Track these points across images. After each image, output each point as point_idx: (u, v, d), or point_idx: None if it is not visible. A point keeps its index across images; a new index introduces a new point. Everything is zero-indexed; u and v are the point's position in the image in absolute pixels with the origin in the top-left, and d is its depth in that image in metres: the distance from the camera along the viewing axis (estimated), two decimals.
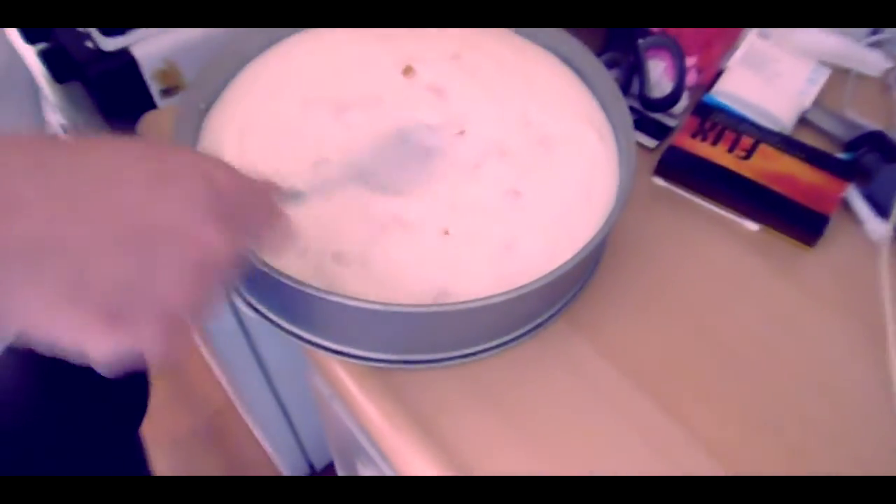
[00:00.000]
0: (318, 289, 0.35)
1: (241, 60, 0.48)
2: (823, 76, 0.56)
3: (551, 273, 0.37)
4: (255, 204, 0.29)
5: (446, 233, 0.41)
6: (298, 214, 0.33)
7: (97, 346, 0.24)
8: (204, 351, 1.22)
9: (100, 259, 0.23)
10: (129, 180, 0.24)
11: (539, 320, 0.43)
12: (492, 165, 0.44)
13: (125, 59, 0.54)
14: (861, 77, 0.59)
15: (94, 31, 0.53)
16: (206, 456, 1.22)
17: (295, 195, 0.35)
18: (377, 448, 0.44)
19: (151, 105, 0.56)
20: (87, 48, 0.53)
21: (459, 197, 0.42)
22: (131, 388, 0.65)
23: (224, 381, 1.21)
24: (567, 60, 0.50)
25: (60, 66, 0.55)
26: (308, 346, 0.42)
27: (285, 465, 1.15)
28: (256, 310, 0.42)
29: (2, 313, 0.23)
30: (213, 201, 0.26)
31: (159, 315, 0.24)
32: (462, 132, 0.45)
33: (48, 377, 0.51)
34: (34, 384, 0.50)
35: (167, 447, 1.22)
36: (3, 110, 0.41)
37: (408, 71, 0.45)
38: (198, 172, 0.26)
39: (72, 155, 0.24)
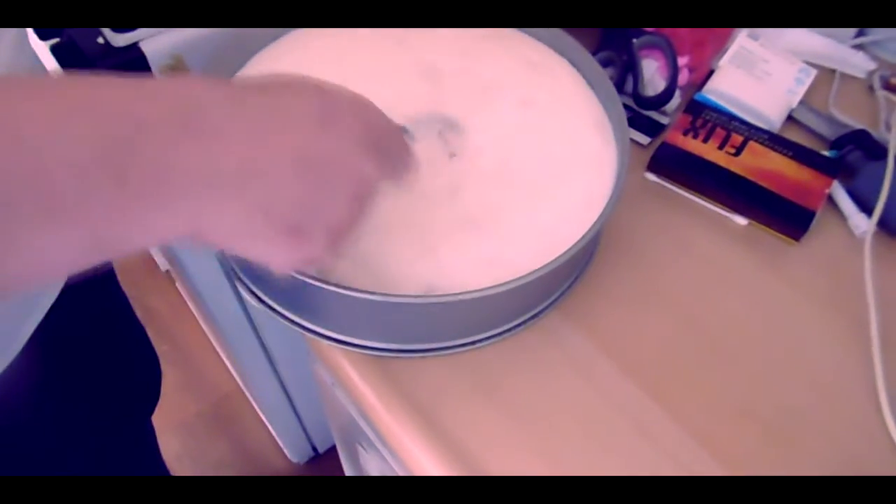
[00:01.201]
0: (320, 279, 0.37)
1: (247, 54, 0.49)
2: (810, 76, 0.57)
3: (546, 265, 0.39)
4: (396, 141, 0.34)
5: (443, 223, 0.42)
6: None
7: (282, 256, 0.29)
8: (212, 338, 1.24)
9: (285, 184, 0.27)
10: (302, 116, 0.28)
11: (534, 312, 0.45)
12: (489, 157, 0.45)
13: (135, 54, 0.55)
14: (846, 77, 0.61)
15: (104, 28, 0.55)
16: (213, 439, 1.24)
17: (406, 132, 0.40)
18: (377, 433, 0.46)
19: None
20: (98, 44, 0.55)
21: (454, 187, 0.44)
22: (144, 376, 0.67)
23: (231, 367, 1.22)
24: (564, 58, 0.51)
25: (71, 61, 0.57)
26: (310, 336, 0.43)
27: (290, 448, 1.17)
28: (261, 300, 0.44)
29: (208, 227, 0.26)
30: (368, 137, 0.30)
31: (327, 231, 0.29)
32: (458, 126, 0.46)
33: (66, 366, 0.53)
34: (52, 374, 0.51)
35: (175, 431, 1.24)
36: None
37: (502, 100, 0.47)
38: (354, 111, 0.30)
39: (252, 93, 0.27)
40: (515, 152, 0.46)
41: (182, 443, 1.23)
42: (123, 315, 0.63)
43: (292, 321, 0.43)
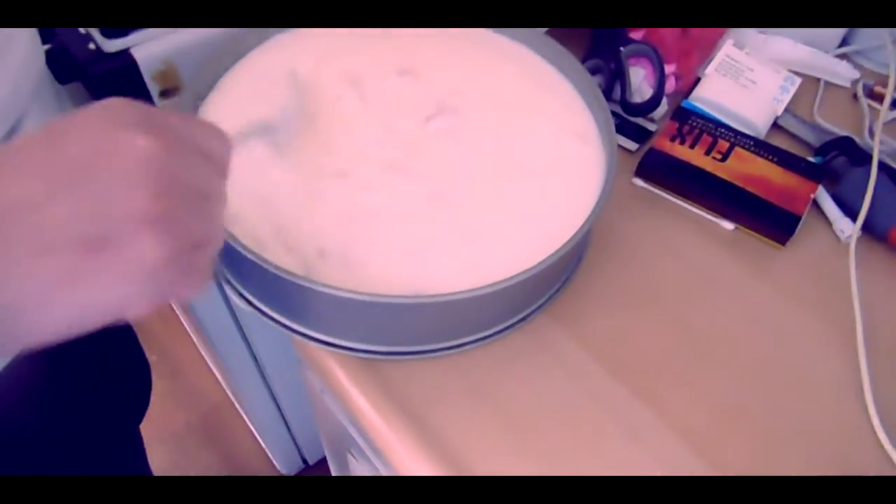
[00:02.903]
0: (308, 279, 0.37)
1: (236, 59, 0.50)
2: (795, 85, 0.58)
3: (534, 267, 0.39)
4: (170, 115, 0.27)
5: (430, 227, 0.43)
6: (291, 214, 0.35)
7: (102, 284, 0.23)
8: (200, 347, 1.24)
9: (49, 209, 0.23)
10: (25, 145, 0.24)
11: (523, 314, 0.45)
12: (478, 162, 0.46)
13: (126, 60, 0.55)
14: (831, 86, 0.62)
15: (95, 33, 0.55)
16: (202, 450, 1.23)
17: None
18: (367, 439, 0.46)
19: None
20: (89, 49, 0.55)
21: (443, 193, 0.44)
22: (133, 384, 0.66)
23: (220, 377, 1.22)
24: (553, 65, 0.52)
25: (63, 67, 0.57)
26: (298, 338, 0.43)
27: (279, 459, 1.16)
28: (249, 302, 0.44)
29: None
30: (123, 117, 0.25)
31: (141, 225, 0.23)
32: (444, 131, 0.47)
33: (54, 371, 0.53)
34: (37, 380, 0.51)
35: (164, 442, 1.23)
36: (33, 118, 0.43)
37: (491, 107, 0.47)
38: (96, 112, 0.25)
39: None
40: (504, 157, 0.46)
41: (170, 454, 1.22)
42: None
43: (281, 323, 0.43)
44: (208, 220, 0.26)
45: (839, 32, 0.62)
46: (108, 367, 0.61)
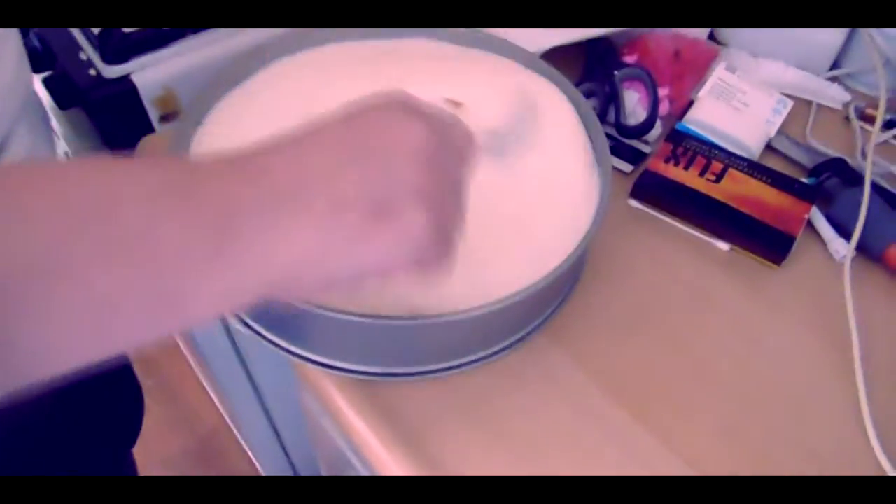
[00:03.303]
0: (307, 303, 0.37)
1: (235, 85, 0.50)
2: (787, 107, 0.59)
3: (530, 287, 0.39)
4: (439, 111, 0.31)
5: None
6: None
7: (389, 250, 0.26)
8: (197, 370, 1.23)
9: (340, 174, 0.26)
10: (328, 127, 0.28)
11: (521, 334, 0.45)
12: (473, 182, 0.46)
13: (126, 86, 0.56)
14: (822, 108, 0.63)
15: (96, 60, 0.56)
16: (198, 475, 1.22)
17: None
18: (364, 462, 0.45)
19: (150, 131, 0.59)
20: (90, 75, 0.56)
21: None
22: (126, 407, 0.66)
23: (217, 401, 1.21)
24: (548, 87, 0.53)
25: (63, 92, 0.58)
26: (296, 360, 0.43)
27: None
28: (247, 325, 0.44)
29: (291, 259, 0.25)
30: (406, 107, 0.29)
31: (417, 198, 0.27)
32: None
33: (39, 396, 0.52)
34: (24, 402, 0.51)
35: (159, 467, 1.22)
36: (20, 138, 0.43)
37: (489, 131, 0.48)
38: (383, 101, 0.29)
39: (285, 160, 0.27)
40: (499, 178, 0.47)
41: None
42: None
43: (278, 346, 0.43)
44: (460, 203, 0.30)
45: (830, 55, 0.63)
46: (99, 390, 0.61)
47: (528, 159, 0.48)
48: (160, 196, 0.23)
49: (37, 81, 0.58)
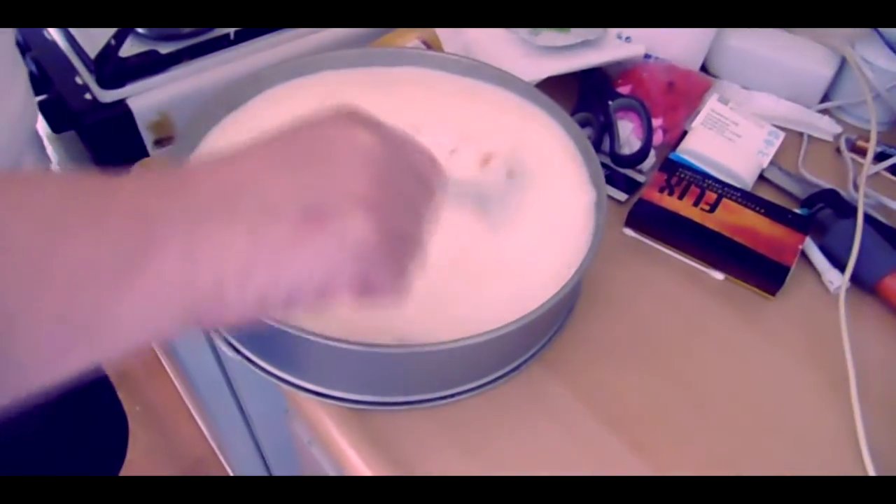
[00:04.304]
0: (297, 327, 0.37)
1: (229, 109, 0.50)
2: (779, 139, 0.60)
3: (525, 316, 0.39)
4: (394, 129, 0.29)
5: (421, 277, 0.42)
6: None
7: (323, 256, 0.24)
8: (185, 397, 1.21)
9: (275, 181, 0.24)
10: (270, 137, 0.26)
11: (515, 364, 0.44)
12: (469, 209, 0.46)
13: (121, 110, 0.56)
14: (814, 140, 0.63)
15: (92, 84, 0.56)
16: None
17: None
18: None
19: (145, 155, 0.58)
20: (85, 99, 0.56)
21: (435, 241, 0.44)
22: (109, 434, 0.65)
23: (205, 429, 1.19)
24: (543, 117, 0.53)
25: (57, 116, 0.58)
26: (287, 388, 0.43)
27: None
28: (238, 351, 0.43)
29: (215, 269, 0.23)
30: (354, 118, 0.27)
31: (356, 202, 0.24)
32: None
33: (25, 420, 0.51)
34: (9, 428, 0.50)
35: None
36: (30, 164, 0.43)
37: (486, 160, 0.48)
38: (337, 115, 0.27)
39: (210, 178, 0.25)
40: (494, 206, 0.47)
41: None
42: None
43: (270, 373, 0.43)
44: (415, 220, 0.28)
45: (821, 88, 0.64)
46: (82, 420, 0.59)
47: (525, 188, 0.48)
48: (64, 214, 0.21)
49: None
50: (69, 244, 0.21)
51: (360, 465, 0.41)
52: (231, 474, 1.16)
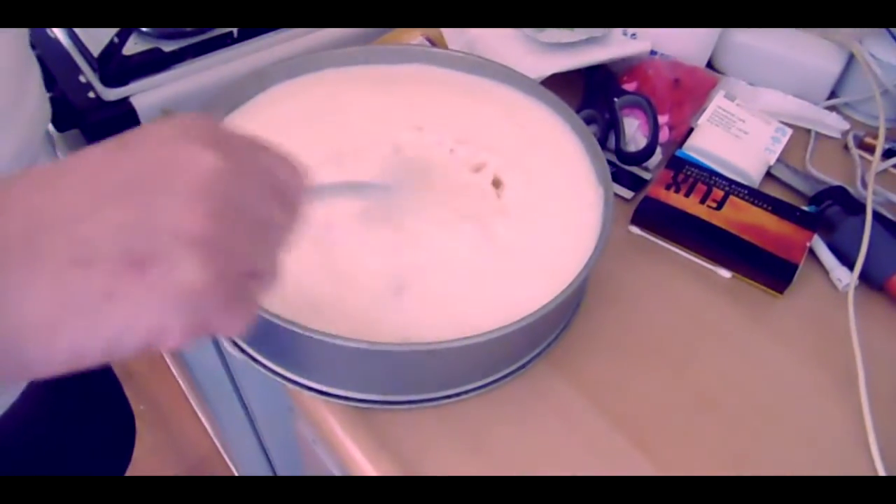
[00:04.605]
0: (301, 326, 0.36)
1: (233, 107, 0.50)
2: (786, 135, 0.59)
3: (531, 315, 0.38)
4: (246, 142, 0.26)
5: (430, 276, 0.42)
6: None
7: (129, 307, 0.21)
8: (190, 396, 1.21)
9: (92, 217, 0.21)
10: (90, 153, 0.23)
11: (521, 362, 0.44)
12: (477, 207, 0.46)
13: (125, 108, 0.56)
14: (822, 137, 0.63)
15: (95, 82, 0.56)
16: None
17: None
18: None
19: None
20: (89, 98, 0.56)
21: (441, 240, 0.44)
22: (116, 434, 0.65)
23: (209, 428, 1.19)
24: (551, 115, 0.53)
25: (61, 115, 0.58)
26: (292, 387, 0.42)
27: None
28: (242, 350, 0.43)
29: (23, 322, 0.20)
30: (195, 133, 0.24)
31: (190, 243, 0.22)
32: (445, 177, 0.47)
33: (32, 422, 0.51)
34: (17, 426, 0.50)
35: None
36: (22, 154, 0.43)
37: (497, 184, 0.47)
38: (166, 124, 0.24)
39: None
40: (500, 205, 0.46)
41: None
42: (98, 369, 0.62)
43: (275, 372, 0.42)
44: (264, 251, 0.25)
45: (828, 85, 0.64)
46: (90, 418, 0.59)
47: (531, 185, 0.48)
48: None
49: None
50: None
51: (364, 464, 0.41)
52: (235, 473, 1.16)
